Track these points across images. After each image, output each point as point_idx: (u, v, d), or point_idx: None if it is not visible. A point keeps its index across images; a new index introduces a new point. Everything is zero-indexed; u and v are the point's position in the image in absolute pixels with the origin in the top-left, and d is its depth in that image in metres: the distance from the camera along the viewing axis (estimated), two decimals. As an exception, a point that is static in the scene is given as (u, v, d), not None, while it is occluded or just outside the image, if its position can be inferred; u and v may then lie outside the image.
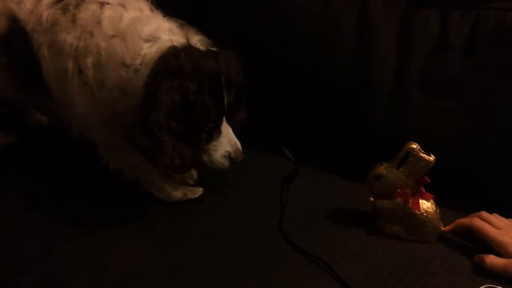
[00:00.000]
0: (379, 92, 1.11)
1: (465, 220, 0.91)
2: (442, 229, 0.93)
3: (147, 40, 0.93)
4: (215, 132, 0.96)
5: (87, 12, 0.98)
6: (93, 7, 0.98)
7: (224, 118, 0.97)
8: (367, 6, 1.15)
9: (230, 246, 0.94)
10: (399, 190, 0.91)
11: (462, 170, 1.04)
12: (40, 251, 0.95)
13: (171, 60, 0.89)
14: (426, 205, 0.91)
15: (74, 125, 1.05)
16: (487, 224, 0.87)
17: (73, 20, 0.98)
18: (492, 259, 0.83)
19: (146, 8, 1.02)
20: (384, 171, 0.91)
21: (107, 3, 0.98)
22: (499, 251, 0.84)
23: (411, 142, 0.89)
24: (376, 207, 0.94)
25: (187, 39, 0.93)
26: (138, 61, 0.92)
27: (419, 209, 0.90)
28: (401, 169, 0.90)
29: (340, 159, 1.19)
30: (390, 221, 0.94)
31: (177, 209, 1.05)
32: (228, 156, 0.99)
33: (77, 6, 0.99)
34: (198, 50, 0.93)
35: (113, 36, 0.94)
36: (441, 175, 0.90)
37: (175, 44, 0.91)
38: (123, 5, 0.99)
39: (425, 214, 0.91)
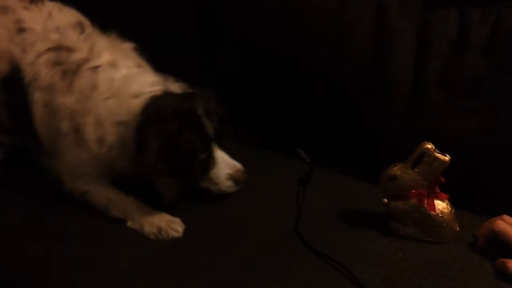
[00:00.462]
0: (397, 93, 1.09)
1: (487, 224, 0.89)
2: (458, 229, 0.92)
3: (135, 96, 1.02)
4: (210, 161, 1.04)
5: (83, 79, 1.06)
6: (88, 73, 1.06)
7: (215, 146, 1.04)
8: (383, 5, 1.14)
9: (245, 247, 0.93)
10: (413, 191, 0.90)
11: (481, 171, 1.02)
12: (52, 255, 0.94)
13: (152, 109, 0.99)
14: (441, 205, 0.90)
15: (60, 174, 1.08)
16: (510, 226, 0.85)
17: (70, 86, 1.06)
18: None
19: (133, 65, 1.11)
20: (398, 172, 0.90)
21: (100, 66, 1.07)
22: None
23: (425, 142, 0.88)
24: (389, 209, 0.93)
25: (166, 87, 1.04)
26: (129, 117, 1.00)
27: (434, 210, 0.89)
28: (416, 170, 0.88)
29: (356, 160, 1.17)
30: (405, 223, 0.92)
31: (191, 209, 1.05)
32: (232, 178, 1.05)
33: (74, 73, 1.07)
34: (175, 94, 1.04)
35: (109, 98, 1.03)
36: (459, 176, 0.89)
37: (156, 93, 1.02)
38: (113, 65, 1.08)
39: (440, 215, 0.89)
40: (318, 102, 1.22)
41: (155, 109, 0.99)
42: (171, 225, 1.00)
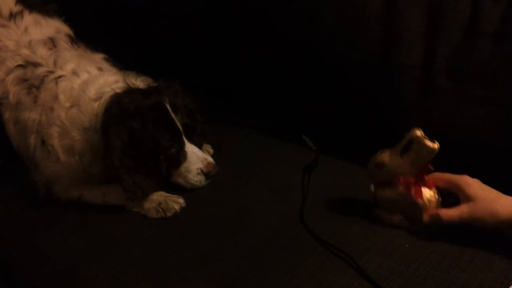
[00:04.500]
0: (407, 80, 1.07)
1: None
2: None
3: (95, 100, 1.03)
4: (180, 155, 1.03)
5: (46, 91, 1.07)
6: (50, 85, 1.07)
7: (184, 140, 1.04)
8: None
9: (250, 235, 0.92)
10: (401, 178, 0.87)
11: (491, 159, 1.00)
12: (53, 243, 0.95)
13: (114, 107, 0.99)
14: (428, 194, 0.87)
15: (39, 182, 1.08)
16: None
17: (35, 100, 1.08)
18: (446, 212, 0.83)
19: (94, 68, 1.12)
20: (386, 159, 0.87)
21: (62, 76, 1.08)
22: (458, 192, 0.84)
23: (415, 128, 0.85)
24: (376, 196, 0.91)
25: (128, 83, 1.03)
26: (94, 122, 1.01)
27: (422, 198, 0.87)
28: (404, 157, 0.86)
29: (362, 148, 1.15)
30: (391, 210, 0.90)
31: (195, 196, 1.04)
32: (202, 172, 1.05)
33: (38, 87, 1.08)
34: (138, 89, 1.03)
35: (71, 107, 1.04)
36: (469, 164, 0.88)
37: (117, 91, 1.01)
38: (75, 73, 1.09)
39: (427, 203, 0.87)
40: (326, 90, 1.20)
41: (117, 107, 0.98)
42: (170, 198, 1.01)
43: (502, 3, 1.00)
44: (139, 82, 1.08)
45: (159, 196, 1.01)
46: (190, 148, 1.05)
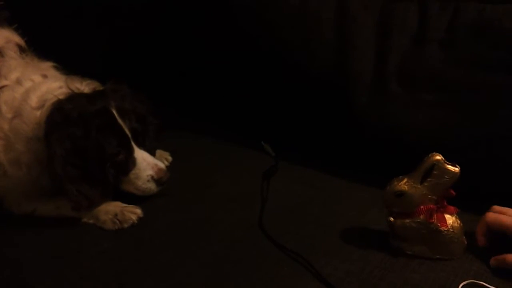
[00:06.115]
0: (359, 86, 1.10)
1: (481, 219, 0.86)
2: (465, 243, 0.85)
3: (38, 108, 1.00)
4: (129, 161, 1.01)
5: None
6: None
7: (133, 145, 1.01)
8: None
9: (210, 243, 0.92)
10: (422, 207, 0.83)
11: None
12: (6, 258, 0.92)
13: (56, 114, 0.96)
14: (451, 220, 0.83)
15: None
16: (501, 215, 0.83)
17: None
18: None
19: (38, 76, 1.08)
20: (406, 187, 0.82)
21: (5, 86, 1.04)
22: None
23: (434, 153, 0.81)
24: (395, 227, 0.85)
25: (72, 88, 1.00)
26: (37, 131, 0.98)
27: (446, 225, 0.83)
28: (425, 184, 0.82)
29: (320, 153, 1.17)
30: (412, 241, 0.85)
31: (153, 205, 1.03)
32: (152, 179, 1.02)
33: None
34: (82, 94, 1.00)
35: (13, 117, 1.01)
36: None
37: (60, 97, 0.98)
38: (19, 82, 1.05)
39: (451, 230, 0.83)
40: (283, 95, 1.22)
41: (59, 114, 0.96)
42: (127, 209, 0.98)
43: (448, 11, 1.04)
44: (84, 86, 1.04)
45: (115, 207, 0.99)
46: (140, 154, 1.02)
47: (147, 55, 1.46)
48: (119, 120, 0.99)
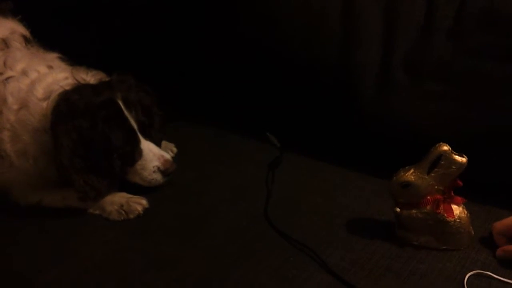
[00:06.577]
0: (365, 78, 1.09)
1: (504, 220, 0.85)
2: (473, 233, 0.86)
3: (44, 99, 0.99)
4: (135, 152, 1.01)
5: None
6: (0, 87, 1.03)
7: (139, 137, 1.01)
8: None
9: (214, 234, 0.92)
10: (428, 197, 0.83)
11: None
12: (12, 248, 0.92)
13: (62, 105, 0.95)
14: (458, 210, 0.83)
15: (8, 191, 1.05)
16: None
17: None
18: None
19: (44, 67, 1.07)
20: (412, 178, 0.82)
21: (11, 77, 1.04)
22: None
23: (441, 143, 0.81)
24: (401, 217, 0.85)
25: (78, 79, 1.00)
26: (43, 122, 0.98)
27: (452, 215, 0.82)
28: (432, 174, 0.82)
29: (325, 145, 1.17)
30: (418, 231, 0.85)
31: (158, 196, 1.03)
32: (159, 170, 1.02)
33: None
34: (88, 85, 1.00)
35: (20, 109, 1.01)
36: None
37: (66, 88, 0.98)
38: (24, 73, 1.05)
39: (458, 220, 0.83)
40: (289, 87, 1.21)
41: (66, 105, 0.95)
42: (132, 200, 0.99)
43: (456, 1, 1.03)
44: (90, 77, 1.04)
45: (121, 198, 0.99)
46: (146, 145, 1.02)
47: (150, 48, 1.45)
48: (125, 112, 0.99)
